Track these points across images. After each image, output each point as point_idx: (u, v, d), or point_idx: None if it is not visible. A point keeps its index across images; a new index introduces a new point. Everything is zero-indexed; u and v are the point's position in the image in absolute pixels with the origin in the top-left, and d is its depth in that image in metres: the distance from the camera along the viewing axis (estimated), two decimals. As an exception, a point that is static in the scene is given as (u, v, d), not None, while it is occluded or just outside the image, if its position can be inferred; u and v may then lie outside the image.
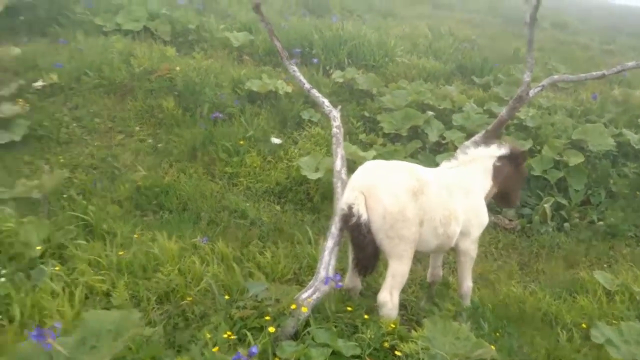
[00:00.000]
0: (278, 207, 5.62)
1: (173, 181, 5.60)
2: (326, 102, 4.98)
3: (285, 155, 6.19)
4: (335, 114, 4.69)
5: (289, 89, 7.05)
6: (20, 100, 6.20)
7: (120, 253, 3.81)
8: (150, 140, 6.34)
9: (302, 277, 4.25)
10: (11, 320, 3.13)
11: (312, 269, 4.28)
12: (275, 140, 6.34)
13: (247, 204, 5.46)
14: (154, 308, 3.41)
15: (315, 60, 7.92)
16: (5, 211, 4.16)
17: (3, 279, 3.29)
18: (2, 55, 6.44)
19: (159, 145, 6.26)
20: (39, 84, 6.53)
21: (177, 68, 6.96)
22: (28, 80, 6.61)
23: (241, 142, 6.12)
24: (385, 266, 3.52)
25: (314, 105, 7.11)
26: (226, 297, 3.38)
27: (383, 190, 3.28)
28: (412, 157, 6.23)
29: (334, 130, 4.46)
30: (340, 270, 3.73)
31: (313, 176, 5.65)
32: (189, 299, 3.43)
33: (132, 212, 5.12)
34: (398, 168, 3.51)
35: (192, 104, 6.62)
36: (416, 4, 15.91)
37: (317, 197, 5.70)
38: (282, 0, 12.51)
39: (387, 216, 3.24)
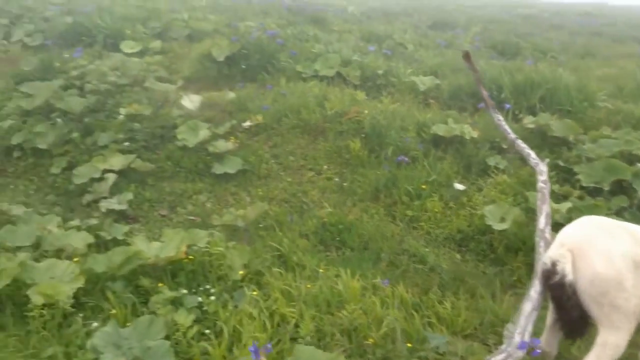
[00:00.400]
0: (458, 256, 5.46)
1: (356, 220, 5.84)
2: (532, 154, 4.76)
3: (468, 202, 6.03)
4: (542, 167, 4.44)
5: (475, 134, 6.89)
6: (232, 137, 7.12)
7: (308, 286, 4.07)
8: (336, 179, 6.71)
9: (483, 334, 4.04)
10: (217, 336, 3.53)
11: (494, 326, 4.05)
12: (459, 186, 6.22)
13: (427, 249, 5.41)
14: (337, 344, 3.55)
15: (506, 106, 7.61)
16: (216, 235, 4.79)
17: (213, 297, 3.75)
18: (221, 99, 7.50)
19: (345, 184, 6.59)
20: (247, 124, 7.41)
21: (365, 111, 7.33)
22: (239, 120, 7.55)
23: (423, 186, 6.14)
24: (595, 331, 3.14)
25: (501, 151, 6.85)
26: (407, 344, 3.37)
27: (596, 252, 2.96)
28: (617, 215, 5.55)
29: (540, 185, 4.22)
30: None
31: (498, 226, 5.38)
32: (371, 340, 3.50)
33: (317, 247, 5.45)
34: (620, 229, 3.12)
35: (378, 146, 6.88)
36: (620, 42, 14.42)
37: (501, 249, 5.40)
38: (468, 44, 12.43)
39: (596, 281, 2.91)
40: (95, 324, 3.28)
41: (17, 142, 6.98)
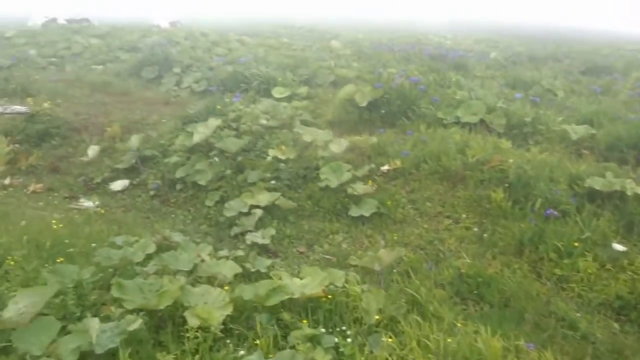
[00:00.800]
0: (616, 325, 4.87)
1: (496, 274, 5.53)
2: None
3: (629, 265, 5.40)
4: None
5: (639, 190, 6.20)
6: (370, 181, 7.26)
7: (448, 340, 3.91)
8: (475, 229, 6.45)
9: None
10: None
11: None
12: (618, 247, 5.61)
13: (578, 314, 4.92)
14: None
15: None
16: (353, 276, 4.85)
17: (349, 340, 3.78)
18: (363, 143, 7.72)
19: (485, 234, 6.31)
20: (385, 168, 7.51)
21: (510, 160, 7.01)
22: (377, 164, 7.68)
23: (575, 244, 5.64)
24: None
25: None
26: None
27: None
28: None
29: None
30: None
31: (668, 297, 4.73)
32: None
33: (453, 298, 5.25)
34: None
35: (523, 197, 6.50)
36: None
37: (671, 323, 4.73)
38: (628, 90, 11.39)
39: None
40: (242, 352, 3.48)
41: (180, 176, 7.85)
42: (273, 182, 7.36)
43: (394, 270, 5.66)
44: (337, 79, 12.05)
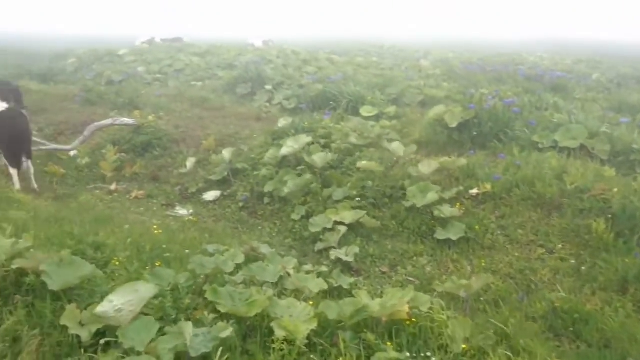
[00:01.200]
0: None
1: (595, 311, 5.15)
2: None
3: None
4: None
5: None
6: (457, 204, 7.07)
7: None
8: (572, 261, 6.06)
9: None
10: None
11: None
12: None
13: (691, 363, 4.44)
14: None
15: None
16: (437, 302, 4.72)
17: (435, 366, 3.67)
18: (451, 164, 7.55)
19: (582, 267, 5.90)
20: (474, 191, 7.28)
21: (614, 189, 6.53)
22: (466, 187, 7.46)
23: (690, 285, 5.12)
24: None
25: None
26: None
27: None
28: None
29: None
30: None
31: None
32: None
33: (546, 334, 4.95)
34: None
35: (628, 231, 6.03)
36: None
37: None
38: None
39: None
40: (325, 368, 3.50)
41: (269, 190, 8.10)
42: (358, 199, 7.39)
43: (481, 299, 5.45)
44: (425, 99, 11.94)
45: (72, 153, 9.91)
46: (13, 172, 7.77)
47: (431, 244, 6.69)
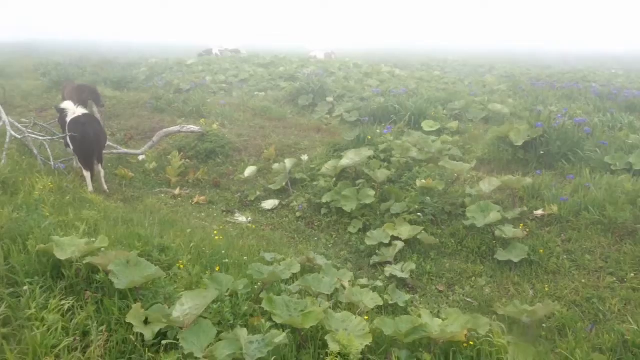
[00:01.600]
0: None
1: (671, 347, 4.78)
2: None
3: None
4: None
5: None
6: (521, 224, 6.82)
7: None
8: (646, 291, 5.69)
9: None
10: None
11: None
12: None
13: None
14: None
15: None
16: (497, 326, 4.55)
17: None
18: (515, 184, 7.30)
19: (657, 300, 5.53)
20: (539, 212, 7.00)
21: (696, 218, 6.09)
22: (530, 207, 7.20)
23: None
24: None
25: None
26: None
27: None
28: None
29: None
30: None
31: None
32: None
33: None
34: None
35: None
36: None
37: None
38: None
39: None
40: (378, 386, 3.46)
41: (326, 201, 8.14)
42: (416, 215, 7.28)
43: (543, 325, 5.21)
44: (489, 115, 11.64)
45: (140, 157, 10.39)
46: (86, 174, 8.23)
47: (491, 264, 6.48)
